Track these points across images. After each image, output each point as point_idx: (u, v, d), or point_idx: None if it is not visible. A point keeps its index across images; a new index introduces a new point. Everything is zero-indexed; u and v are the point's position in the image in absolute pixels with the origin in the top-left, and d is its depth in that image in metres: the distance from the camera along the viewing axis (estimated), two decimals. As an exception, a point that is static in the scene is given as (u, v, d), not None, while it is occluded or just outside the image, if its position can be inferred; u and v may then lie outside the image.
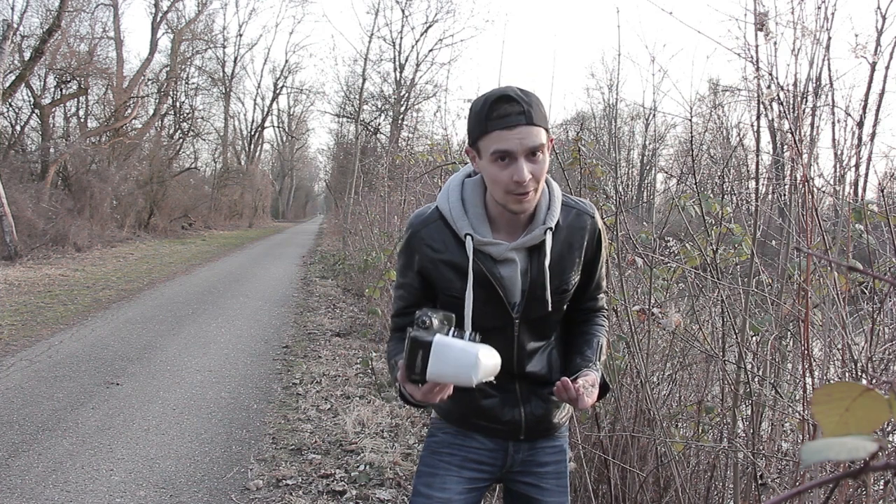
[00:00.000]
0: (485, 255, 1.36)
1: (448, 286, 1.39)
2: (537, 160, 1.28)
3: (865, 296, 2.12)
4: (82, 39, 17.34)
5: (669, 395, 2.79)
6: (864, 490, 1.69)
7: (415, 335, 1.16)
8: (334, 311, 7.92)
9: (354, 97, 22.71)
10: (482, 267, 1.36)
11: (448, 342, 1.16)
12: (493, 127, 1.26)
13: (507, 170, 1.27)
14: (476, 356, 1.15)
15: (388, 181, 8.65)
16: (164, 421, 3.78)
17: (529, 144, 1.26)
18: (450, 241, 1.39)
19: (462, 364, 1.15)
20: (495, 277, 1.37)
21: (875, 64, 2.34)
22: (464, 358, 1.15)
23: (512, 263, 1.37)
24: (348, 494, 3.00)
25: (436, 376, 1.16)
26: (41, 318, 6.41)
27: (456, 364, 1.15)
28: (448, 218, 1.39)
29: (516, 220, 1.39)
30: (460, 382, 1.17)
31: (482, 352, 1.17)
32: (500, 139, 1.25)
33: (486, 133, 1.27)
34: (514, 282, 1.38)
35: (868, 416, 0.41)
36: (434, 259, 1.40)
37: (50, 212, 12.66)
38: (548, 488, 1.48)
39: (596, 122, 29.55)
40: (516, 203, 1.30)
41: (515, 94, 1.26)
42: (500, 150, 1.26)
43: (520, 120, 1.25)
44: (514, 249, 1.37)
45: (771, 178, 2.92)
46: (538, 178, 1.29)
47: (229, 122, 32.83)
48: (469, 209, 1.39)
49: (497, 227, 1.40)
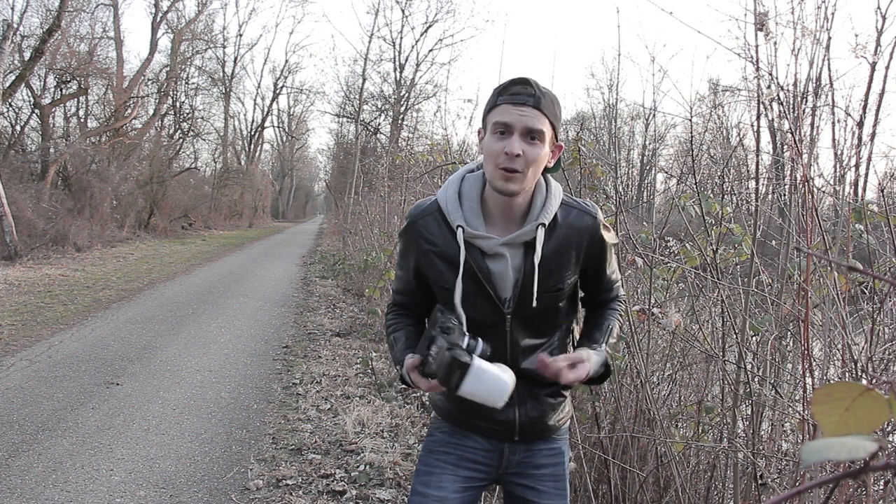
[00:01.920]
0: (475, 249, 1.38)
1: (440, 278, 1.41)
2: (534, 144, 1.31)
3: (865, 296, 2.12)
4: (82, 39, 17.35)
5: (669, 395, 2.79)
6: (864, 490, 1.69)
7: (454, 356, 1.25)
8: (334, 311, 7.92)
9: (354, 97, 22.71)
10: (471, 260, 1.37)
11: (485, 368, 1.27)
12: (502, 101, 1.32)
13: (502, 142, 1.31)
14: (508, 385, 1.26)
15: (388, 181, 8.65)
16: (164, 421, 3.77)
17: (529, 123, 1.29)
18: (444, 232, 1.41)
19: (495, 390, 1.26)
20: (483, 271, 1.37)
21: (875, 64, 2.34)
22: (498, 384, 1.26)
23: (502, 258, 1.37)
24: (348, 494, 3.00)
25: (468, 394, 1.27)
26: (41, 318, 6.41)
27: (489, 389, 1.27)
28: (444, 210, 1.41)
29: (511, 215, 1.39)
30: (488, 403, 1.28)
31: (511, 379, 1.28)
32: (504, 112, 1.31)
33: (495, 107, 1.33)
34: (505, 277, 1.38)
35: (868, 416, 0.41)
36: (427, 251, 1.43)
37: (50, 212, 12.66)
38: (545, 491, 1.47)
39: (596, 122, 29.55)
40: (503, 180, 1.32)
41: (532, 81, 1.32)
42: (501, 122, 1.31)
43: (527, 100, 1.30)
44: (506, 245, 1.37)
45: (771, 178, 2.92)
46: (529, 162, 1.31)
47: (229, 122, 32.84)
48: (465, 202, 1.41)
49: (492, 221, 1.40)
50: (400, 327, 1.53)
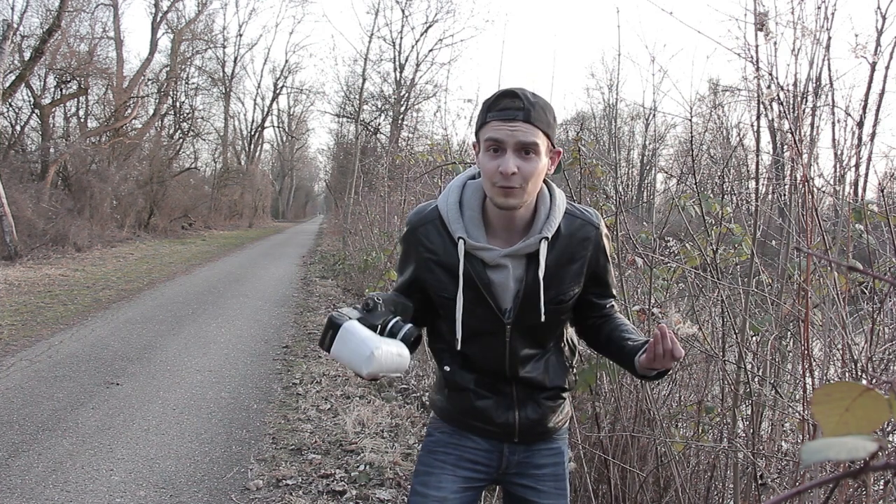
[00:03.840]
0: (476, 259, 1.36)
1: (440, 287, 1.41)
2: (529, 159, 1.29)
3: (865, 296, 2.12)
4: (82, 39, 17.36)
5: (669, 395, 2.79)
6: (864, 490, 1.69)
7: (334, 314, 1.25)
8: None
9: (354, 97, 22.72)
10: (472, 271, 1.36)
11: (353, 330, 1.22)
12: (492, 118, 1.30)
13: (496, 160, 1.29)
14: (371, 352, 1.19)
15: (388, 181, 8.66)
16: (164, 421, 3.77)
17: (520, 138, 1.27)
18: (445, 242, 1.39)
19: (357, 353, 1.21)
20: (484, 282, 1.36)
21: (875, 64, 2.34)
22: (361, 348, 1.20)
23: (504, 269, 1.36)
24: (348, 494, 3.00)
25: (336, 356, 1.24)
26: (41, 318, 6.41)
27: (352, 352, 1.21)
28: (445, 219, 1.40)
29: (513, 226, 1.38)
30: (354, 369, 1.23)
31: (384, 348, 1.21)
32: (495, 129, 1.29)
33: (486, 123, 1.31)
34: (506, 288, 1.37)
35: (868, 416, 0.41)
36: (427, 259, 1.42)
37: (50, 212, 12.66)
38: (545, 491, 1.47)
39: (596, 122, 29.51)
40: (501, 196, 1.30)
41: (521, 92, 1.29)
42: (492, 139, 1.29)
43: (517, 115, 1.27)
44: (507, 256, 1.36)
45: (771, 178, 2.92)
46: (527, 177, 1.29)
47: (229, 122, 32.84)
48: (466, 212, 1.39)
49: (494, 232, 1.39)
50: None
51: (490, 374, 1.44)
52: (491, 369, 1.44)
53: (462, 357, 1.45)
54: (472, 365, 1.45)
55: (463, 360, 1.46)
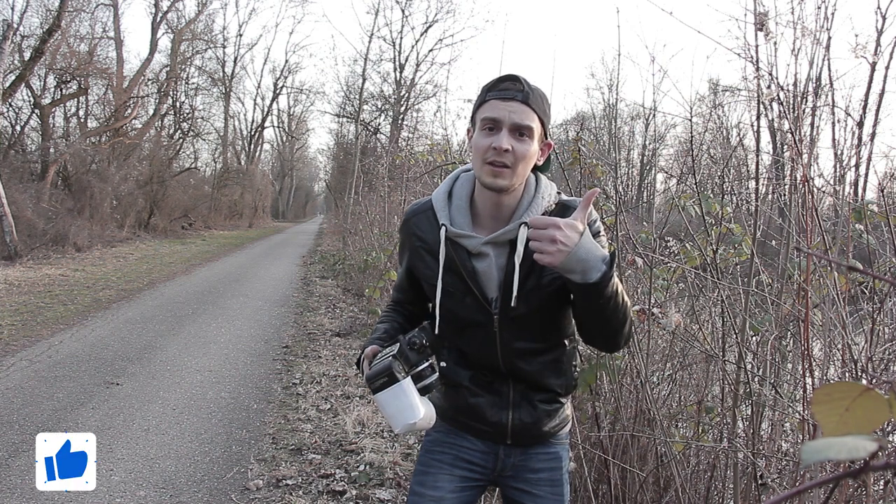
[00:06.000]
0: (461, 248, 1.37)
1: (427, 273, 1.44)
2: (523, 140, 1.30)
3: (865, 296, 2.12)
4: (82, 39, 17.36)
5: (669, 395, 2.79)
6: (864, 490, 1.69)
7: (391, 365, 1.30)
8: (334, 311, 7.92)
9: (354, 97, 22.72)
10: (456, 258, 1.37)
11: (407, 392, 1.30)
12: (490, 97, 1.32)
13: (490, 137, 1.30)
14: (415, 421, 1.30)
15: (388, 181, 8.66)
16: (164, 421, 3.77)
17: (517, 119, 1.29)
18: (434, 229, 1.42)
19: (401, 414, 1.30)
20: (468, 271, 1.37)
21: (875, 64, 2.34)
22: (406, 413, 1.30)
23: (487, 257, 1.36)
24: (348, 494, 3.00)
25: (380, 404, 1.33)
26: (41, 318, 6.41)
27: (398, 410, 1.30)
28: (435, 208, 1.43)
29: (500, 214, 1.38)
30: (391, 423, 1.33)
31: (425, 416, 1.31)
32: (492, 108, 1.31)
33: (484, 102, 1.33)
34: (490, 277, 1.36)
35: (868, 416, 0.41)
36: (418, 247, 1.45)
37: (50, 212, 12.66)
38: (541, 495, 1.45)
39: (596, 122, 29.52)
40: (490, 176, 1.31)
41: (521, 77, 1.32)
42: (489, 118, 1.31)
43: (516, 95, 1.30)
44: (490, 244, 1.36)
45: (771, 178, 2.92)
46: (519, 158, 1.30)
47: (229, 122, 32.83)
48: (454, 201, 1.42)
49: (481, 221, 1.40)
50: (386, 320, 1.56)
51: (486, 371, 1.44)
52: (485, 364, 1.43)
53: (458, 353, 1.46)
54: (467, 361, 1.45)
55: (459, 356, 1.46)
